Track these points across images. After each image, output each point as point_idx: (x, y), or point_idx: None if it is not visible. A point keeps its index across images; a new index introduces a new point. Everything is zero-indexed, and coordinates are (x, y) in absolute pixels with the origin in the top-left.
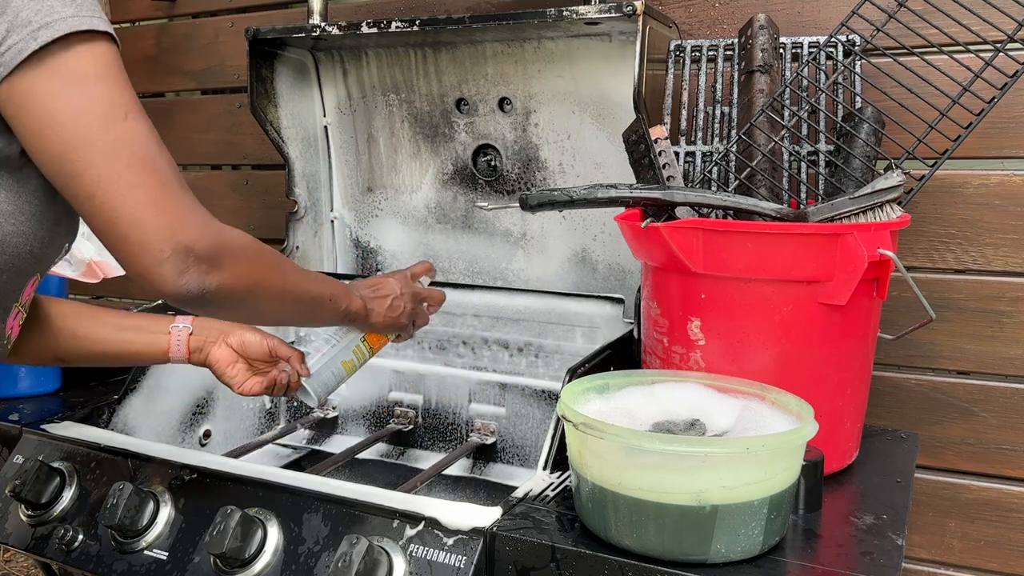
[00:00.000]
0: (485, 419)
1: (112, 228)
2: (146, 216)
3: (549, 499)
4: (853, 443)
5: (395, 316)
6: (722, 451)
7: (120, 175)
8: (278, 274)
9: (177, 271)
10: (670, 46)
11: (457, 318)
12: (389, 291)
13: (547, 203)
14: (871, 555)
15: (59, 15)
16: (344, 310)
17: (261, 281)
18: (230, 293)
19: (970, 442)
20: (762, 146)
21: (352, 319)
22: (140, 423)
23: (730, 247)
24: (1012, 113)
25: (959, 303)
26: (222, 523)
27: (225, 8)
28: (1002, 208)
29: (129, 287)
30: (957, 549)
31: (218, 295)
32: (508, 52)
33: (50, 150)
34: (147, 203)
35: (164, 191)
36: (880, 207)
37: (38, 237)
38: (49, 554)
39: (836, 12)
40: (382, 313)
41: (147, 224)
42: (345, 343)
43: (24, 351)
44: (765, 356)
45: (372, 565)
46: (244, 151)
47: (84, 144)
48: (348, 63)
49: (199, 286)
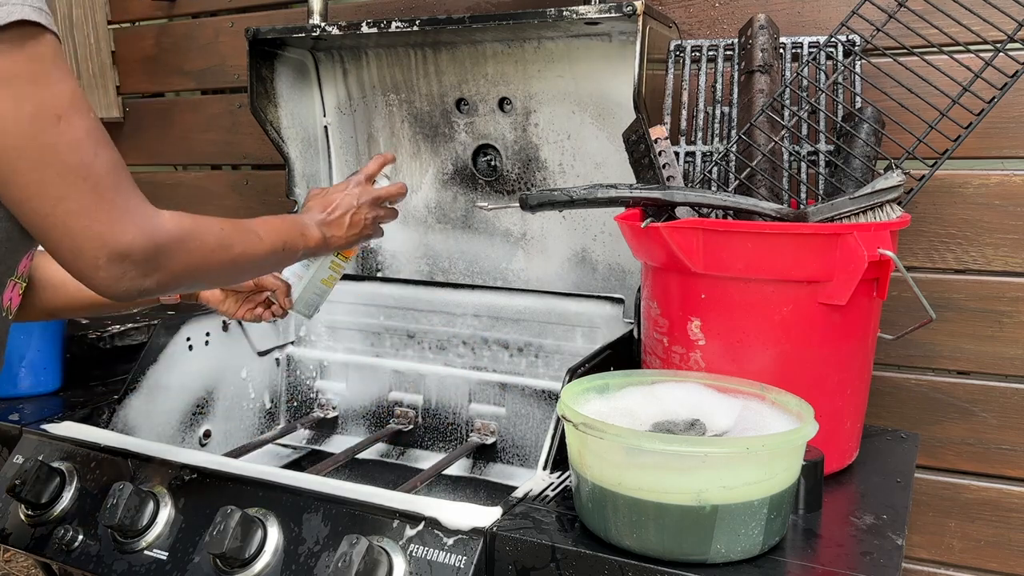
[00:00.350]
0: (485, 419)
1: (46, 235)
2: (77, 225)
3: (549, 499)
4: (853, 443)
5: (357, 232)
6: (722, 451)
7: (49, 184)
8: (222, 251)
9: (114, 277)
10: (670, 46)
11: (457, 318)
12: (345, 208)
13: (547, 203)
14: (871, 555)
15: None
16: (303, 249)
17: (203, 266)
18: (175, 286)
19: (970, 442)
20: (762, 146)
21: (314, 252)
22: (140, 423)
23: (730, 247)
24: (1012, 113)
25: (959, 303)
26: (222, 523)
27: (225, 8)
28: (1002, 208)
29: None
30: (957, 549)
31: (162, 290)
32: (508, 52)
33: None
34: (78, 212)
35: (95, 199)
36: (880, 207)
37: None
38: (49, 554)
39: (836, 12)
40: (343, 236)
41: (79, 234)
42: (319, 263)
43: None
44: (765, 356)
45: (372, 565)
46: (244, 151)
47: (11, 151)
48: (348, 63)
49: (138, 288)
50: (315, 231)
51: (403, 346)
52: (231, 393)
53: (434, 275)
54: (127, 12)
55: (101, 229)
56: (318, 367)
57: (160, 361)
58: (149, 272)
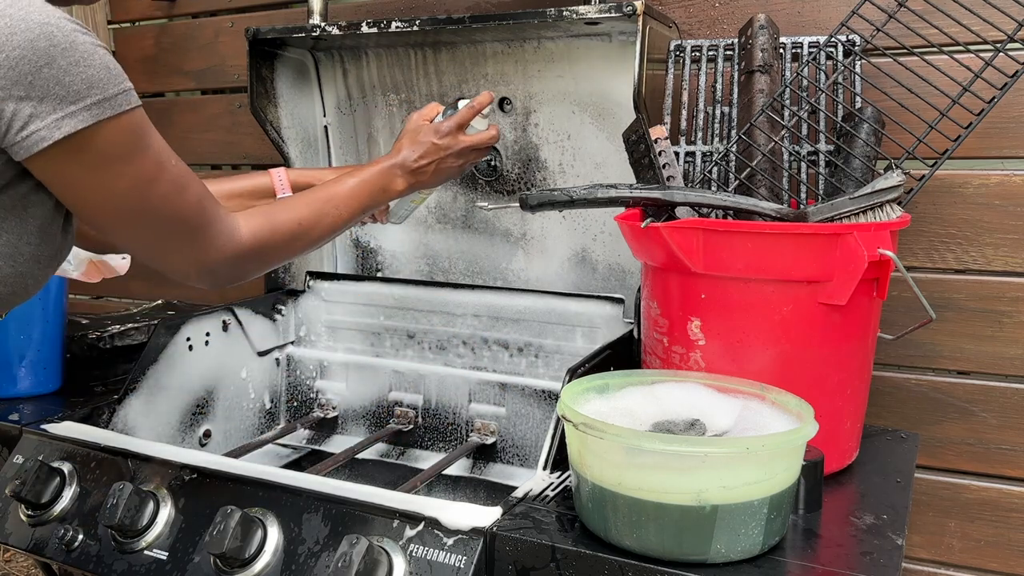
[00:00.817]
0: (485, 419)
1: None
2: (172, 260)
3: (549, 499)
4: (853, 443)
5: (444, 178)
6: (722, 451)
7: (145, 233)
8: (301, 239)
9: (208, 284)
10: (670, 46)
11: (457, 318)
12: (433, 157)
13: (547, 203)
14: (871, 555)
15: (83, 102)
16: (388, 200)
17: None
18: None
19: (970, 442)
20: (762, 146)
21: (400, 196)
22: (140, 423)
23: (730, 247)
24: (1012, 113)
25: (959, 303)
26: (222, 523)
27: (225, 8)
28: (1002, 208)
29: (129, 287)
30: (957, 549)
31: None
32: (508, 52)
33: (81, 213)
34: (171, 250)
35: (186, 235)
36: (880, 207)
37: (34, 275)
38: (49, 554)
39: (836, 12)
40: (429, 182)
41: (173, 260)
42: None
43: None
44: (765, 356)
45: (372, 565)
46: (244, 151)
47: (112, 214)
48: (348, 63)
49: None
50: (400, 182)
51: (403, 346)
52: (231, 393)
53: (434, 275)
54: (127, 12)
55: (192, 257)
56: (318, 367)
57: (160, 361)
58: (234, 276)
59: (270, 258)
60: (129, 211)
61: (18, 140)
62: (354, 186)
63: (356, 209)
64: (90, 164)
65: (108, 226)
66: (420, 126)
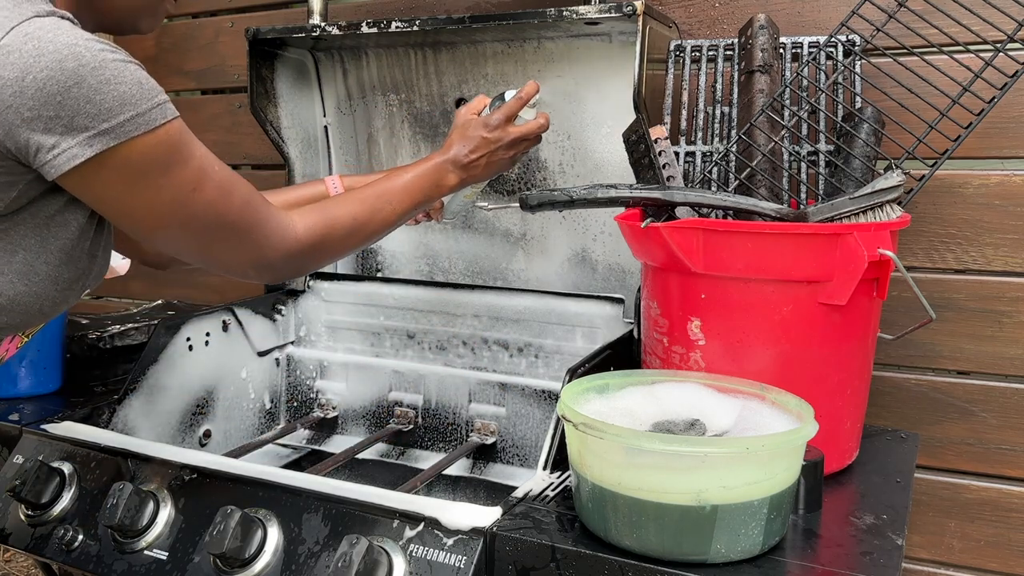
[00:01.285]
0: (485, 419)
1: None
2: (226, 258)
3: (549, 499)
4: (853, 443)
5: (495, 170)
6: (722, 451)
7: (195, 238)
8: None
9: (265, 279)
10: (670, 46)
11: (457, 318)
12: (484, 151)
13: (547, 203)
14: (871, 555)
15: (116, 119)
16: (441, 196)
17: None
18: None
19: (970, 442)
20: (762, 146)
21: (453, 191)
22: (140, 423)
23: (730, 247)
24: (1012, 113)
25: (959, 303)
26: (222, 523)
27: (225, 8)
28: (1002, 208)
29: (129, 287)
30: (957, 549)
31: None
32: (508, 52)
33: (125, 226)
34: (225, 250)
35: (237, 238)
36: (880, 207)
37: (50, 297)
38: (49, 554)
39: (836, 12)
40: (481, 176)
41: (229, 262)
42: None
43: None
44: (765, 356)
45: (372, 565)
46: (244, 151)
47: (159, 225)
48: (348, 63)
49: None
50: (452, 177)
51: (403, 346)
52: (231, 393)
53: (434, 275)
54: None
55: (245, 257)
56: (318, 367)
57: (160, 361)
58: (292, 271)
59: (326, 253)
60: (173, 221)
61: (49, 159)
62: (408, 181)
63: (409, 205)
64: (128, 179)
65: (153, 237)
66: (469, 120)
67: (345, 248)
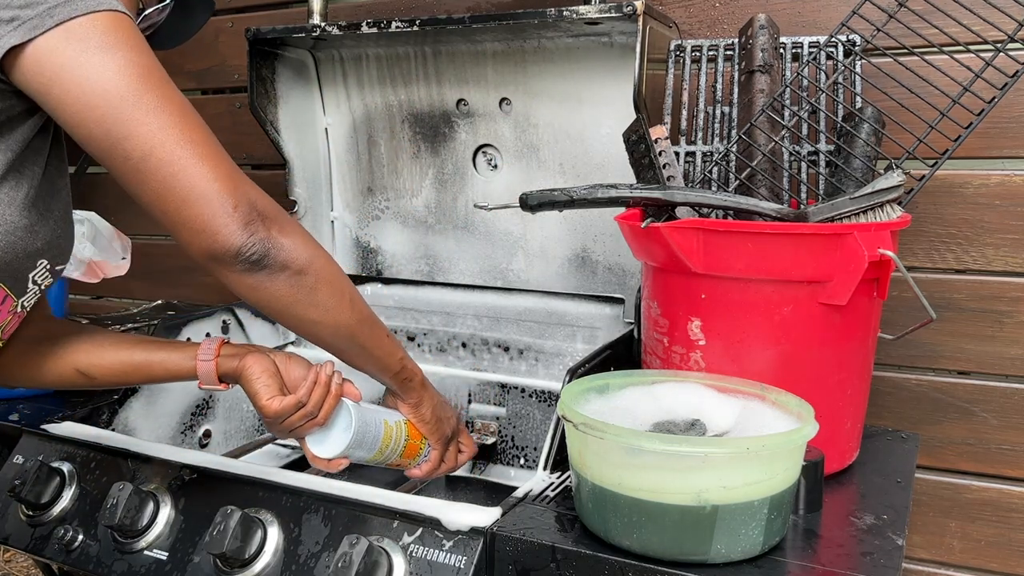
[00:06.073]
0: (485, 419)
1: (173, 183)
2: (206, 168)
3: (549, 499)
4: (853, 443)
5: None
6: (722, 451)
7: (173, 127)
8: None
9: (244, 220)
10: (670, 46)
11: (457, 319)
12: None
13: (547, 203)
14: (871, 555)
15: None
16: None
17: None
18: (292, 260)
19: (970, 442)
20: (762, 146)
21: (407, 378)
22: (140, 424)
23: (730, 247)
24: (1012, 113)
25: (959, 303)
26: (222, 523)
27: (225, 8)
28: (1002, 208)
29: (129, 287)
30: (957, 549)
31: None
32: (508, 52)
33: (94, 115)
34: (205, 155)
35: (216, 147)
36: (880, 207)
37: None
38: (49, 554)
39: (836, 12)
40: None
41: (209, 174)
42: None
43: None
44: (765, 356)
45: (372, 565)
46: (244, 151)
47: (132, 101)
48: (348, 63)
49: (264, 242)
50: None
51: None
52: (231, 393)
53: (434, 275)
54: None
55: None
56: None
57: None
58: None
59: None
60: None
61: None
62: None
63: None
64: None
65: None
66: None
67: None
